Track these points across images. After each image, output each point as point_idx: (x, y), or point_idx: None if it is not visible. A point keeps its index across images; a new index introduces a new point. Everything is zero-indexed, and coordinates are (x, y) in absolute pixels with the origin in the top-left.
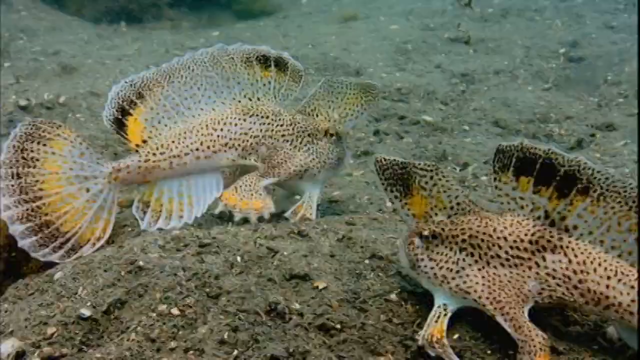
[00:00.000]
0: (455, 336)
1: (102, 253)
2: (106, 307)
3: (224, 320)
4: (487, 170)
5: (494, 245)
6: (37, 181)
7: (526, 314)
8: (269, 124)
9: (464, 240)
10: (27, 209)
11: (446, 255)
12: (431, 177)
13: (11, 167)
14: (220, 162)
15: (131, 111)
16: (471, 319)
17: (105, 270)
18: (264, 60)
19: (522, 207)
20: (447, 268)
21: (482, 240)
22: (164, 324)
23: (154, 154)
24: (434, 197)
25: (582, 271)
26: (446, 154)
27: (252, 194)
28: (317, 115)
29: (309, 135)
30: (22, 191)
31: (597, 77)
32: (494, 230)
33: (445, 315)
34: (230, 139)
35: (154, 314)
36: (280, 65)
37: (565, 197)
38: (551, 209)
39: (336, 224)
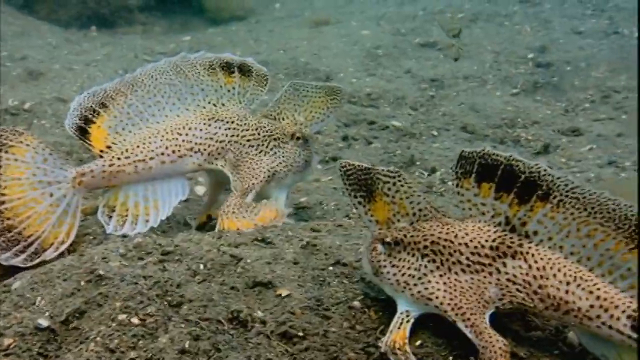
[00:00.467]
0: (418, 342)
1: (62, 262)
2: (65, 317)
3: (185, 329)
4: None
5: (455, 251)
6: None
7: (487, 320)
8: (234, 128)
9: (425, 247)
10: None
11: (408, 261)
12: (394, 184)
13: None
14: (186, 166)
15: (94, 119)
16: (433, 325)
17: (64, 280)
18: (227, 67)
19: (483, 213)
20: (409, 274)
21: (444, 246)
22: (124, 333)
23: (119, 158)
24: (396, 203)
25: (542, 277)
26: (414, 159)
27: (247, 212)
28: (283, 119)
29: (275, 139)
30: None
31: (564, 83)
32: (456, 236)
33: (407, 321)
34: (196, 143)
35: (114, 324)
36: (244, 70)
37: (525, 203)
38: (512, 214)
39: (301, 230)
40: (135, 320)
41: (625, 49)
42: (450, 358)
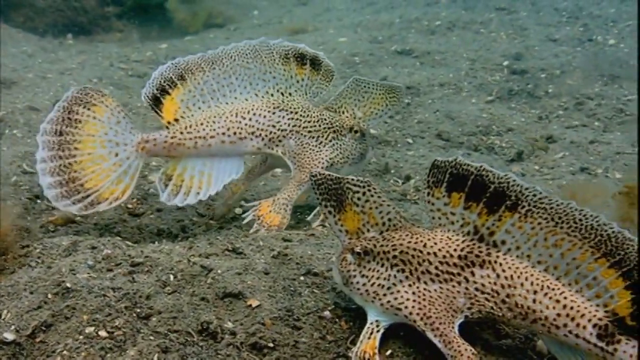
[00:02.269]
0: (388, 352)
1: (29, 274)
2: (31, 330)
3: (154, 342)
4: None
5: (424, 261)
6: (75, 140)
7: (456, 329)
8: (297, 119)
9: (395, 257)
10: (60, 165)
11: (378, 271)
12: (363, 193)
13: (57, 124)
14: (246, 148)
15: (170, 91)
16: (404, 335)
17: (31, 293)
18: (301, 58)
19: (452, 223)
20: (379, 284)
21: (413, 256)
22: (91, 347)
23: (182, 133)
24: (366, 213)
25: (509, 286)
26: (389, 167)
27: (283, 209)
28: (343, 112)
29: (334, 131)
30: (60, 148)
31: (538, 90)
32: (424, 245)
33: (377, 331)
34: (258, 128)
35: (81, 337)
36: (315, 63)
37: (494, 213)
38: (480, 224)
39: (272, 240)
40: (102, 333)
41: (599, 56)
42: None
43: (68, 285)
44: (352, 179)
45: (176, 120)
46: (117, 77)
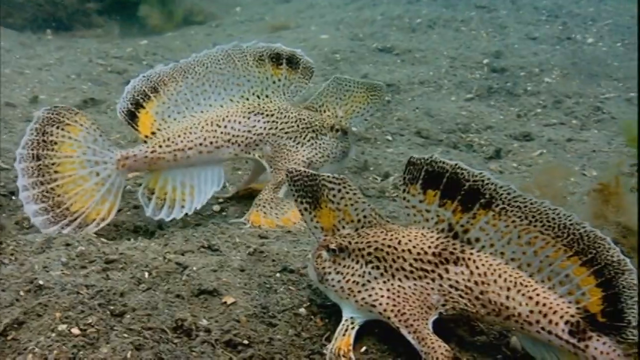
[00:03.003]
0: (363, 349)
1: (1, 271)
2: (2, 328)
3: (127, 339)
4: None
5: (398, 257)
6: (53, 164)
7: (430, 326)
8: (273, 121)
9: (369, 253)
10: (43, 191)
11: (353, 268)
12: (339, 190)
13: (32, 149)
14: (223, 156)
15: (144, 104)
16: (378, 331)
17: (3, 290)
18: (277, 58)
19: (427, 220)
20: (354, 281)
21: (388, 253)
22: (64, 344)
23: (160, 146)
24: (341, 210)
25: (483, 282)
26: (368, 165)
27: (276, 210)
28: (324, 111)
29: (313, 130)
30: (40, 173)
31: (517, 88)
32: (399, 242)
33: (352, 328)
34: (233, 135)
35: (53, 334)
36: (293, 62)
37: (468, 210)
38: (455, 221)
39: (248, 237)
40: (75, 331)
41: (578, 55)
42: None
43: (41, 282)
44: (328, 176)
45: (153, 133)
46: (95, 73)
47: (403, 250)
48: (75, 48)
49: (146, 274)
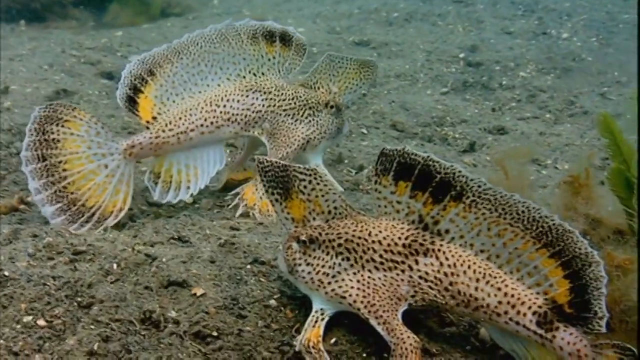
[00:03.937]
0: (332, 340)
1: None
2: None
3: (94, 331)
4: None
5: (368, 249)
6: (60, 162)
7: (400, 317)
8: (271, 99)
9: (340, 245)
10: (55, 191)
11: (323, 259)
12: (310, 182)
13: (36, 149)
14: (224, 135)
15: (142, 88)
16: (348, 323)
17: None
18: (270, 36)
19: (398, 211)
20: (324, 273)
21: (358, 244)
22: (29, 336)
23: (163, 131)
24: (312, 201)
25: (452, 274)
26: (342, 157)
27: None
28: (319, 88)
29: (310, 107)
30: (49, 173)
31: (492, 82)
32: (369, 234)
33: (322, 319)
34: (233, 114)
35: (19, 326)
36: (285, 39)
37: (439, 202)
38: (425, 213)
39: (220, 228)
40: (41, 322)
41: (553, 50)
42: (364, 355)
43: (6, 273)
44: (299, 167)
45: (154, 118)
46: (68, 64)
47: (373, 242)
48: (48, 39)
49: (115, 265)
